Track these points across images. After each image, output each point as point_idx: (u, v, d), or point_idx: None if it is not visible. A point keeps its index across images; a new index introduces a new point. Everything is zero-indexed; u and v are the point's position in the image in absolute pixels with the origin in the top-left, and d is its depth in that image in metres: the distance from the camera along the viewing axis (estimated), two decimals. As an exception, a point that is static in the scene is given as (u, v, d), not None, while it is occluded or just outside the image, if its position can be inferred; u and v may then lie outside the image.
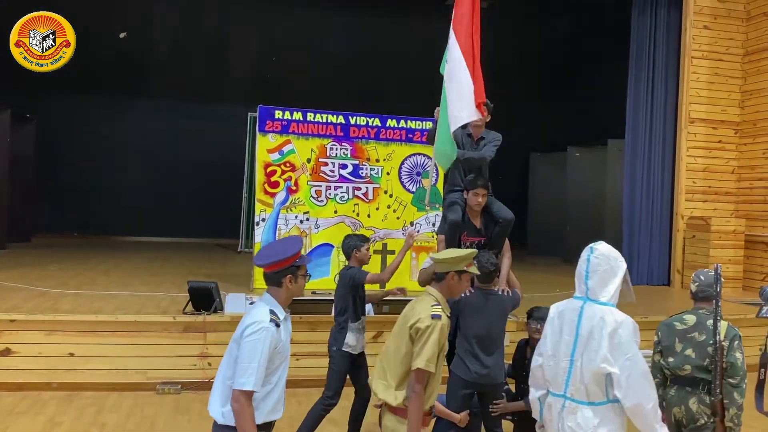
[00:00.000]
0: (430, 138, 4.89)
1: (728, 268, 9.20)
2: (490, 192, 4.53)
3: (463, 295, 4.16)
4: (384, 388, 3.27)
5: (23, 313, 6.05)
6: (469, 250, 3.57)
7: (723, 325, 3.47)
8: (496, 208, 4.50)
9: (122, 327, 6.05)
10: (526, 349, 4.47)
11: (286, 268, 2.90)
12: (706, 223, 9.56)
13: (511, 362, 4.66)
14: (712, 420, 3.45)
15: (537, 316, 4.36)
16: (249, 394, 2.76)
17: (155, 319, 6.16)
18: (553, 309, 3.23)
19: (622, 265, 3.14)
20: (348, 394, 6.13)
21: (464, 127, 4.66)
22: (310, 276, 3.64)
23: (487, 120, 4.63)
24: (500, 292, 4.22)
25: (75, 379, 5.88)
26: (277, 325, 2.88)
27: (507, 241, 4.56)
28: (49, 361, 5.90)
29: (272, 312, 2.87)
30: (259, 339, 2.77)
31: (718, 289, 3.40)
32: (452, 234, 4.42)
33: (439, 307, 3.24)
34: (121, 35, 12.97)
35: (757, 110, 9.88)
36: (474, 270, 3.49)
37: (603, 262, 3.09)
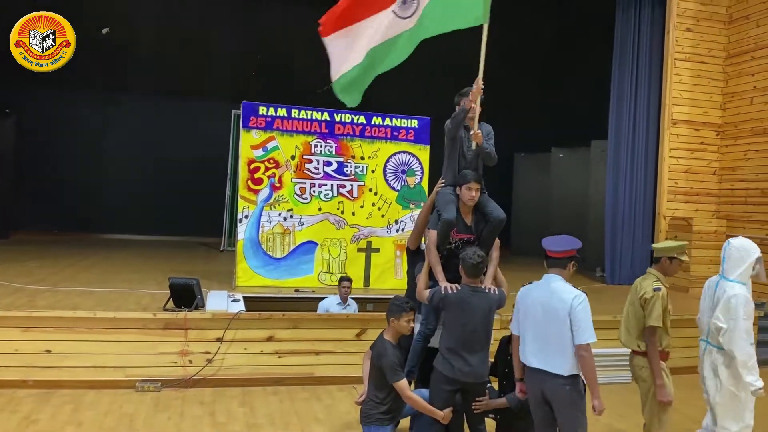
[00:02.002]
0: (456, 123, 4.61)
1: (710, 269, 9.24)
2: (484, 189, 4.50)
3: (449, 291, 4.15)
4: (628, 340, 4.42)
5: (-1, 309, 5.93)
6: (681, 242, 4.48)
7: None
8: (491, 207, 4.46)
9: (101, 324, 5.94)
10: (508, 347, 4.45)
11: (572, 256, 3.90)
12: (687, 224, 9.63)
13: (493, 360, 4.65)
14: None
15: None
16: (589, 345, 3.66)
17: (135, 315, 6.05)
18: (706, 283, 4.61)
19: (753, 255, 4.37)
20: (331, 394, 6.13)
21: (466, 127, 4.62)
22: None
23: (479, 110, 4.60)
24: (487, 290, 4.19)
25: (52, 377, 5.77)
26: None
27: (497, 241, 4.53)
28: (25, 358, 5.78)
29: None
30: (586, 304, 3.70)
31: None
32: (446, 230, 4.37)
33: (659, 282, 4.33)
34: (104, 31, 12.78)
35: (738, 112, 9.97)
36: (685, 258, 4.41)
37: (735, 253, 4.39)
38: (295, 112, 8.08)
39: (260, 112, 7.97)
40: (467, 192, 4.33)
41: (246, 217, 7.94)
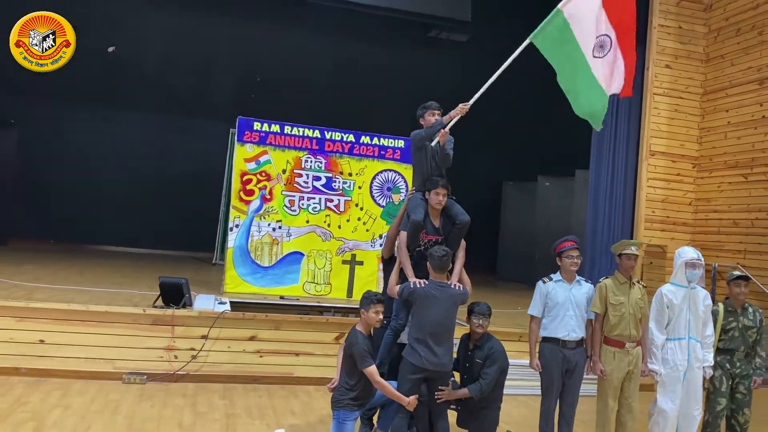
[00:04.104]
0: (428, 135, 5.02)
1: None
2: (450, 194, 4.88)
3: (417, 285, 4.50)
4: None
5: (-4, 299, 6.24)
6: (624, 241, 5.09)
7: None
8: (455, 210, 4.83)
9: (93, 317, 6.26)
10: (468, 343, 4.79)
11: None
12: (662, 251, 9.99)
13: (456, 356, 4.97)
14: None
15: (478, 311, 4.70)
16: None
17: (125, 310, 6.38)
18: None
19: (680, 258, 4.97)
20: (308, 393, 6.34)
21: (431, 140, 4.98)
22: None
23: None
24: (452, 286, 4.54)
25: (44, 366, 6.07)
26: None
27: (463, 242, 4.89)
28: (19, 347, 6.08)
29: None
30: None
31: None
32: (414, 231, 4.74)
33: (609, 278, 5.05)
34: (110, 49, 13.28)
35: (714, 146, 10.42)
36: (629, 251, 4.96)
37: (675, 258, 5.10)
38: (287, 129, 8.49)
39: (254, 128, 8.38)
40: (435, 196, 4.71)
41: (237, 226, 8.29)
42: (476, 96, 5.12)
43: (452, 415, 4.80)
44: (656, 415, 4.85)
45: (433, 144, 4.88)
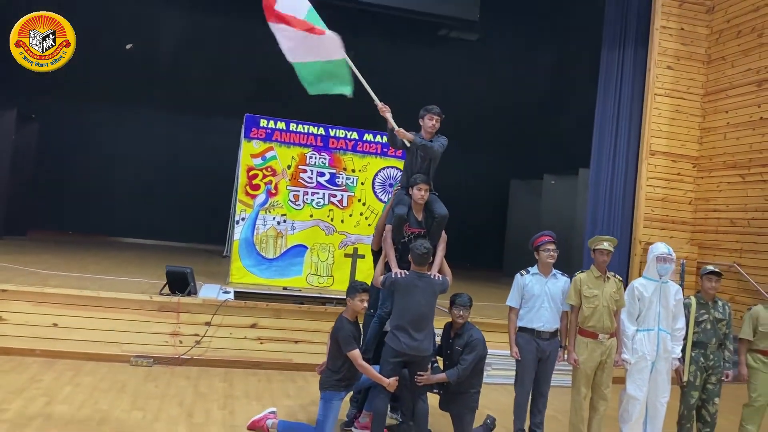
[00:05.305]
0: (390, 140, 5.43)
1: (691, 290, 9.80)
2: (432, 189, 5.17)
3: (399, 276, 4.81)
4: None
5: (14, 284, 6.64)
6: (596, 237, 5.29)
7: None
8: (436, 205, 5.13)
9: (103, 303, 6.65)
10: (450, 331, 5.08)
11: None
12: (660, 249, 10.17)
13: (440, 343, 5.27)
14: None
15: (459, 302, 4.98)
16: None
17: (134, 297, 6.75)
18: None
19: (651, 253, 5.23)
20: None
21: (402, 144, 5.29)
22: None
23: (437, 127, 5.29)
24: (432, 277, 4.84)
25: (57, 348, 6.47)
26: None
27: (444, 234, 5.18)
28: (35, 329, 6.49)
29: None
30: None
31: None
32: (398, 225, 5.05)
33: (584, 272, 5.25)
34: (128, 46, 13.70)
35: (714, 146, 10.58)
36: (600, 246, 5.18)
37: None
38: (293, 126, 8.81)
39: (261, 124, 8.72)
40: (417, 192, 5.02)
41: (243, 219, 8.63)
42: (372, 94, 5.45)
43: (436, 399, 5.10)
44: (625, 402, 5.11)
45: (408, 145, 5.19)
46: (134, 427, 4.80)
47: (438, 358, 5.17)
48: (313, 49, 5.47)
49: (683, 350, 5.26)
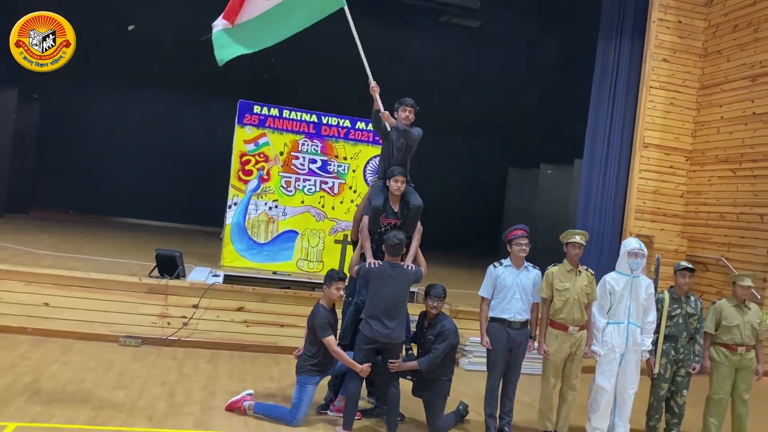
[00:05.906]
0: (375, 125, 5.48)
1: (667, 284, 9.88)
2: (409, 181, 5.28)
3: (373, 266, 4.94)
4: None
5: (7, 264, 6.81)
6: (567, 231, 5.50)
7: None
8: (411, 196, 5.25)
9: (93, 284, 6.82)
10: (424, 321, 5.22)
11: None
12: (650, 241, 10.26)
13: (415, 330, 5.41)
14: None
15: (433, 294, 5.11)
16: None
17: (123, 279, 6.92)
18: None
19: (624, 248, 5.33)
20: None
21: (404, 131, 5.36)
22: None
23: (412, 119, 5.38)
24: (405, 267, 4.97)
25: (47, 326, 6.65)
26: None
27: (419, 225, 5.30)
28: (26, 308, 6.67)
29: None
30: None
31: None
32: (375, 216, 5.17)
33: (557, 265, 5.37)
34: (130, 27, 13.78)
35: (707, 140, 10.61)
36: (571, 240, 5.38)
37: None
38: (286, 113, 8.92)
39: (254, 111, 8.82)
40: (394, 183, 5.14)
41: (235, 204, 8.78)
42: (367, 69, 5.50)
43: (409, 385, 5.25)
44: (594, 392, 5.25)
45: (389, 129, 5.28)
46: (116, 406, 4.97)
47: (414, 345, 5.32)
48: None
49: (655, 343, 5.39)
